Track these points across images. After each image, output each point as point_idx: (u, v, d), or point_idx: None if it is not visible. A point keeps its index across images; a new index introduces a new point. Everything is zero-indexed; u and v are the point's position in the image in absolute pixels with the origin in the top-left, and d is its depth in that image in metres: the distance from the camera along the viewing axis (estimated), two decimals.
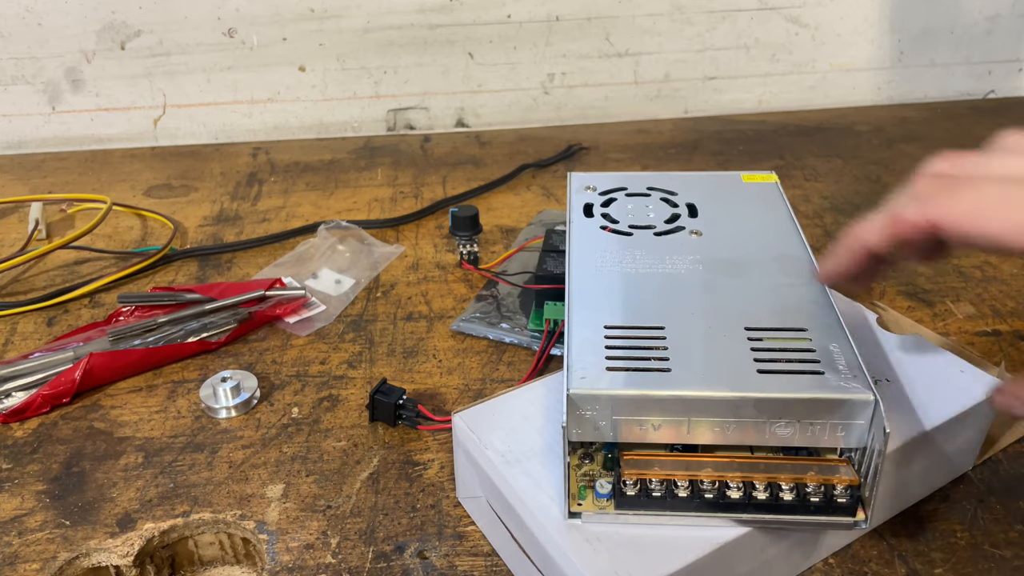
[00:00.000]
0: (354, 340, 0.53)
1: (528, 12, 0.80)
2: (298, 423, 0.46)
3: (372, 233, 0.64)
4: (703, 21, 0.82)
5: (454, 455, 0.39)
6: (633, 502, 0.33)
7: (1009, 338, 0.51)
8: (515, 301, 0.55)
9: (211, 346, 0.52)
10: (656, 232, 0.43)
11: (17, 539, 0.39)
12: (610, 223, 0.44)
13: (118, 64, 0.79)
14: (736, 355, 0.34)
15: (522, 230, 0.64)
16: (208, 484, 0.42)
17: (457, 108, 0.84)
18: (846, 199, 0.67)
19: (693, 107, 0.86)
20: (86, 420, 0.47)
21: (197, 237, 0.65)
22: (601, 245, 0.42)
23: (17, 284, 0.60)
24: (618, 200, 0.47)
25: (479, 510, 0.38)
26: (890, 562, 0.37)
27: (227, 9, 0.77)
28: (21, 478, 0.43)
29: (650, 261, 0.41)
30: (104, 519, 0.40)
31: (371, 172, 0.75)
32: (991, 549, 0.37)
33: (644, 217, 0.45)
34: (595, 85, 0.84)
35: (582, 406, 0.32)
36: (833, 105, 0.87)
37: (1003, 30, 0.85)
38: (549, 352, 0.50)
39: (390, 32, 0.80)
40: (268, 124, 0.83)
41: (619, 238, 0.43)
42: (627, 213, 0.45)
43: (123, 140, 0.83)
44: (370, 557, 0.38)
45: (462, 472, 0.39)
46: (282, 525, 0.40)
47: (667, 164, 0.74)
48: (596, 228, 0.44)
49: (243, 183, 0.74)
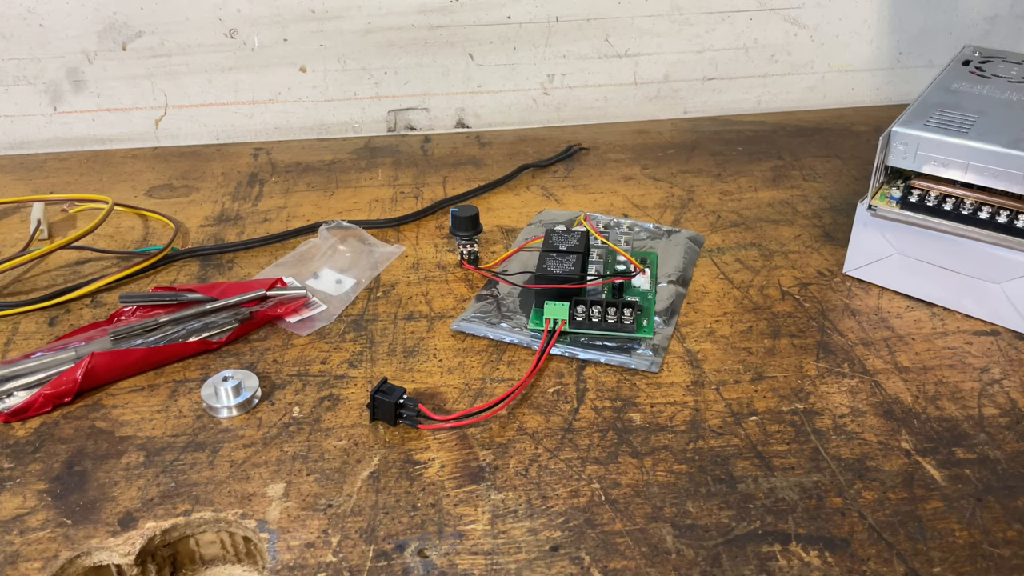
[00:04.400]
0: (355, 340, 0.53)
1: (528, 13, 0.80)
2: (299, 422, 0.46)
3: (373, 233, 0.64)
4: (702, 22, 0.82)
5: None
6: (913, 207, 0.52)
7: (1007, 338, 0.51)
8: (515, 301, 0.55)
9: (212, 346, 0.52)
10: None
11: (19, 538, 0.40)
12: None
13: (120, 65, 0.79)
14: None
15: (522, 230, 0.64)
16: (209, 483, 0.42)
17: (457, 109, 0.84)
18: (845, 199, 0.67)
19: (692, 107, 0.86)
20: (88, 419, 0.47)
21: (198, 237, 0.65)
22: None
23: (19, 284, 0.60)
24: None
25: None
26: (888, 561, 0.37)
27: (228, 10, 0.78)
28: (23, 477, 0.43)
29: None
30: (105, 518, 0.41)
31: (372, 172, 0.75)
32: (990, 548, 0.38)
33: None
34: (595, 86, 0.84)
35: (897, 141, 0.51)
36: (832, 106, 0.87)
37: (1001, 31, 0.85)
38: (549, 351, 0.50)
39: (390, 33, 0.80)
40: (269, 124, 0.83)
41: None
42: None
43: (125, 140, 0.83)
44: (371, 556, 0.38)
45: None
46: (283, 524, 0.40)
47: (666, 164, 0.74)
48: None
49: (244, 183, 0.74)
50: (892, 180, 0.55)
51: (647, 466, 0.43)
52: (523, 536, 0.39)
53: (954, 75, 0.58)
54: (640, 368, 0.49)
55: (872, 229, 0.55)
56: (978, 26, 0.85)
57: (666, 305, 0.54)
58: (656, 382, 0.48)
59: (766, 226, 0.64)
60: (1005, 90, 0.55)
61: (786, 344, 0.51)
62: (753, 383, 0.48)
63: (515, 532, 0.39)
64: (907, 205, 0.53)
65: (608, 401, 0.47)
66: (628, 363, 0.49)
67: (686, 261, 0.59)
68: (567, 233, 0.57)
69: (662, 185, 0.71)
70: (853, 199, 0.67)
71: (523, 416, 0.46)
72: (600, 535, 0.39)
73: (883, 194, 0.54)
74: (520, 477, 0.42)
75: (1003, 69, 0.58)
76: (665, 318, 0.53)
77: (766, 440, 0.44)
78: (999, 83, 0.56)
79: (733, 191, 0.69)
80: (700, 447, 0.44)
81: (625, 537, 0.39)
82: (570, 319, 0.51)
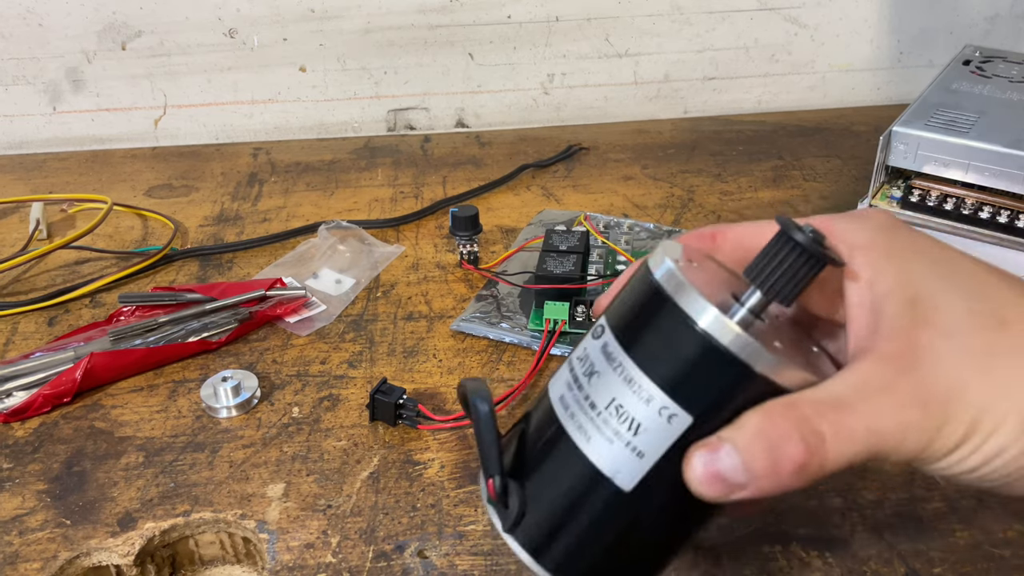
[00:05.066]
0: (354, 340, 0.53)
1: (528, 13, 0.80)
2: (298, 422, 0.46)
3: (372, 233, 0.64)
4: (703, 22, 0.82)
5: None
6: (913, 207, 0.52)
7: None
8: (515, 301, 0.55)
9: (212, 346, 0.52)
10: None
11: (18, 538, 0.39)
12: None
13: (119, 64, 0.79)
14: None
15: (522, 230, 0.64)
16: (209, 483, 0.42)
17: (457, 108, 0.84)
18: (846, 199, 0.67)
19: (692, 107, 0.86)
20: (87, 420, 0.47)
21: (198, 237, 0.65)
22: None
23: (18, 284, 0.60)
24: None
25: None
26: (889, 561, 0.37)
27: (228, 10, 0.77)
28: (22, 477, 0.43)
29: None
30: (105, 518, 0.40)
31: (371, 172, 0.75)
32: (990, 548, 0.38)
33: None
34: (595, 85, 0.84)
35: (897, 141, 0.51)
36: (832, 105, 0.87)
37: (1002, 31, 0.85)
38: (549, 351, 0.50)
39: (390, 33, 0.80)
40: (269, 124, 0.83)
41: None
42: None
43: (124, 140, 0.83)
44: (370, 556, 0.38)
45: None
46: (283, 524, 0.40)
47: (667, 164, 0.74)
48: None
49: (244, 183, 0.74)
50: (893, 180, 0.55)
51: None
52: None
53: (955, 75, 0.58)
54: None
55: None
56: (979, 26, 0.85)
57: None
58: None
59: None
60: (1006, 90, 0.55)
61: None
62: None
63: None
64: (908, 205, 0.53)
65: None
66: None
67: None
68: (567, 233, 0.57)
69: (662, 185, 0.71)
70: (854, 199, 0.67)
71: None
72: None
73: (884, 194, 0.54)
74: None
75: (1004, 69, 0.58)
76: None
77: None
78: (1000, 83, 0.56)
79: (733, 191, 0.69)
80: None
81: None
82: (570, 319, 0.51)
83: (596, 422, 0.27)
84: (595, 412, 0.27)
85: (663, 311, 0.27)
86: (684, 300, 0.26)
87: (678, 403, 0.26)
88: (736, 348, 0.25)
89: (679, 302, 0.26)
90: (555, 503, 0.28)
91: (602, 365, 0.28)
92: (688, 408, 0.26)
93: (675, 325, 0.26)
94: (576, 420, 0.28)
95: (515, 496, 0.28)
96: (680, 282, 0.26)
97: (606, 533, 0.28)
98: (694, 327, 0.26)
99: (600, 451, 0.27)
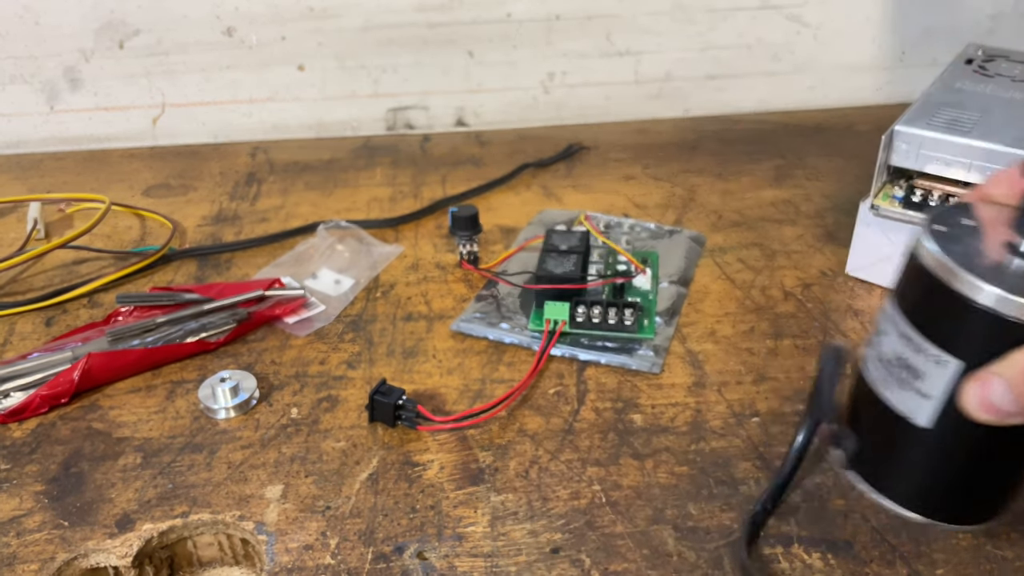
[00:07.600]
0: (353, 340, 0.52)
1: (528, 11, 0.80)
2: (297, 424, 0.46)
3: (371, 233, 0.64)
4: (704, 20, 0.81)
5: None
6: (916, 206, 0.52)
7: None
8: (515, 301, 0.55)
9: (210, 346, 0.51)
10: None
11: (15, 540, 0.39)
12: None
13: (116, 63, 0.79)
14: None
15: (522, 230, 0.64)
16: (207, 485, 0.42)
17: (457, 107, 0.84)
18: (848, 199, 0.67)
19: (694, 106, 0.86)
20: (84, 420, 0.47)
21: (196, 237, 0.65)
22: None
23: (15, 284, 0.60)
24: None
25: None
26: (892, 563, 0.37)
27: (226, 8, 0.77)
28: (19, 479, 0.43)
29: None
30: (103, 520, 0.40)
31: (370, 171, 0.75)
32: (993, 550, 0.37)
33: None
34: (595, 84, 0.84)
35: (899, 140, 0.51)
36: (834, 105, 0.86)
37: (1005, 29, 0.85)
38: (549, 352, 0.50)
39: (389, 31, 0.80)
40: (267, 123, 0.83)
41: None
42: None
43: (122, 139, 0.83)
44: (369, 558, 0.38)
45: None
46: (281, 526, 0.39)
47: (668, 163, 0.74)
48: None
49: (242, 183, 0.73)
50: (895, 179, 0.55)
51: (648, 468, 0.42)
52: (523, 538, 0.39)
53: (957, 74, 0.58)
54: (641, 369, 0.49)
55: (875, 229, 0.55)
56: (981, 24, 0.84)
57: (667, 305, 0.54)
58: (657, 383, 0.48)
59: (768, 226, 0.64)
60: (1008, 89, 0.55)
61: (788, 345, 0.51)
62: (755, 384, 0.48)
63: (515, 534, 0.39)
64: (910, 205, 0.52)
65: (609, 402, 0.47)
66: (629, 364, 0.49)
67: (687, 261, 0.59)
68: (567, 233, 0.56)
69: (663, 184, 0.71)
70: (856, 198, 0.67)
71: (523, 417, 0.46)
72: (601, 537, 0.39)
73: (886, 194, 0.54)
74: (520, 479, 0.42)
75: (1006, 68, 0.58)
76: (666, 318, 0.53)
77: (768, 441, 0.44)
78: (1002, 82, 0.56)
79: (735, 190, 0.69)
80: (702, 448, 0.43)
81: (626, 539, 0.38)
82: (570, 319, 0.51)
83: (896, 377, 0.34)
84: (891, 368, 0.35)
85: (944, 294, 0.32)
86: (958, 284, 0.31)
87: (951, 354, 0.32)
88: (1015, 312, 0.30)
89: (953, 286, 0.32)
90: (877, 445, 0.36)
91: (888, 327, 0.35)
92: (960, 357, 0.32)
93: (954, 306, 0.32)
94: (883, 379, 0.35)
95: (849, 439, 0.37)
96: (949, 269, 0.32)
97: (920, 461, 0.35)
98: (973, 304, 0.31)
99: (897, 397, 0.35)
